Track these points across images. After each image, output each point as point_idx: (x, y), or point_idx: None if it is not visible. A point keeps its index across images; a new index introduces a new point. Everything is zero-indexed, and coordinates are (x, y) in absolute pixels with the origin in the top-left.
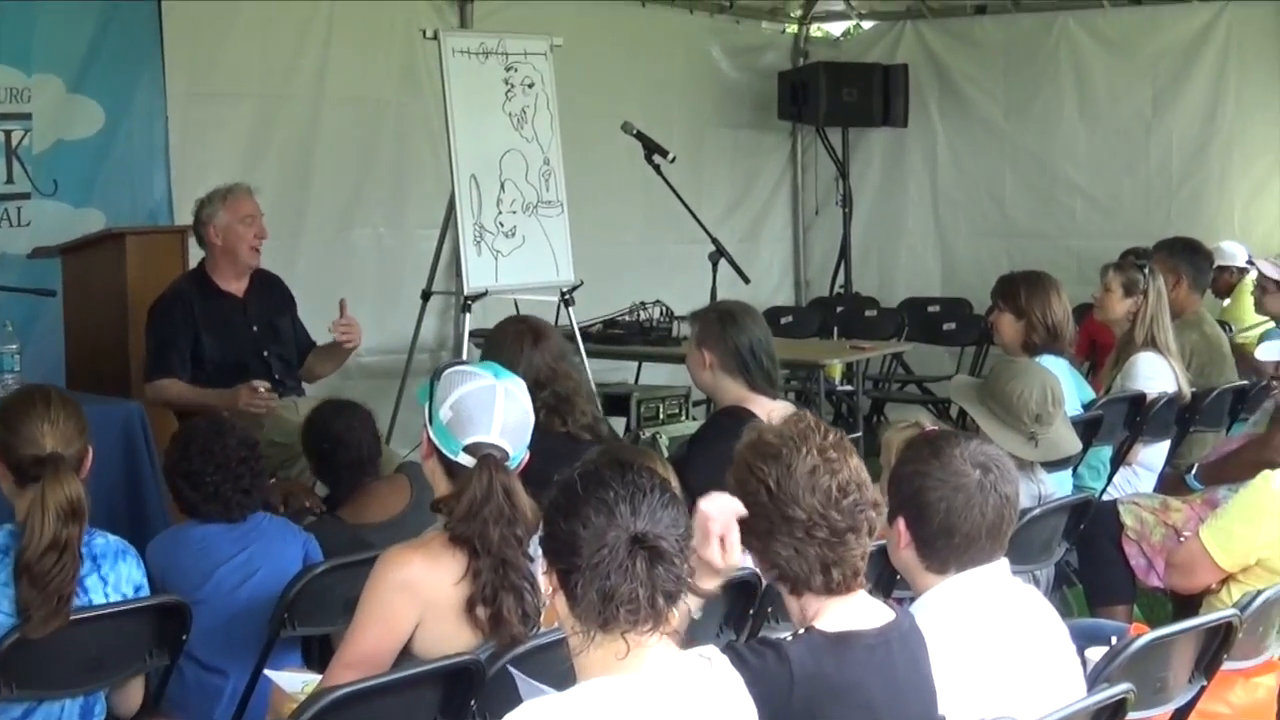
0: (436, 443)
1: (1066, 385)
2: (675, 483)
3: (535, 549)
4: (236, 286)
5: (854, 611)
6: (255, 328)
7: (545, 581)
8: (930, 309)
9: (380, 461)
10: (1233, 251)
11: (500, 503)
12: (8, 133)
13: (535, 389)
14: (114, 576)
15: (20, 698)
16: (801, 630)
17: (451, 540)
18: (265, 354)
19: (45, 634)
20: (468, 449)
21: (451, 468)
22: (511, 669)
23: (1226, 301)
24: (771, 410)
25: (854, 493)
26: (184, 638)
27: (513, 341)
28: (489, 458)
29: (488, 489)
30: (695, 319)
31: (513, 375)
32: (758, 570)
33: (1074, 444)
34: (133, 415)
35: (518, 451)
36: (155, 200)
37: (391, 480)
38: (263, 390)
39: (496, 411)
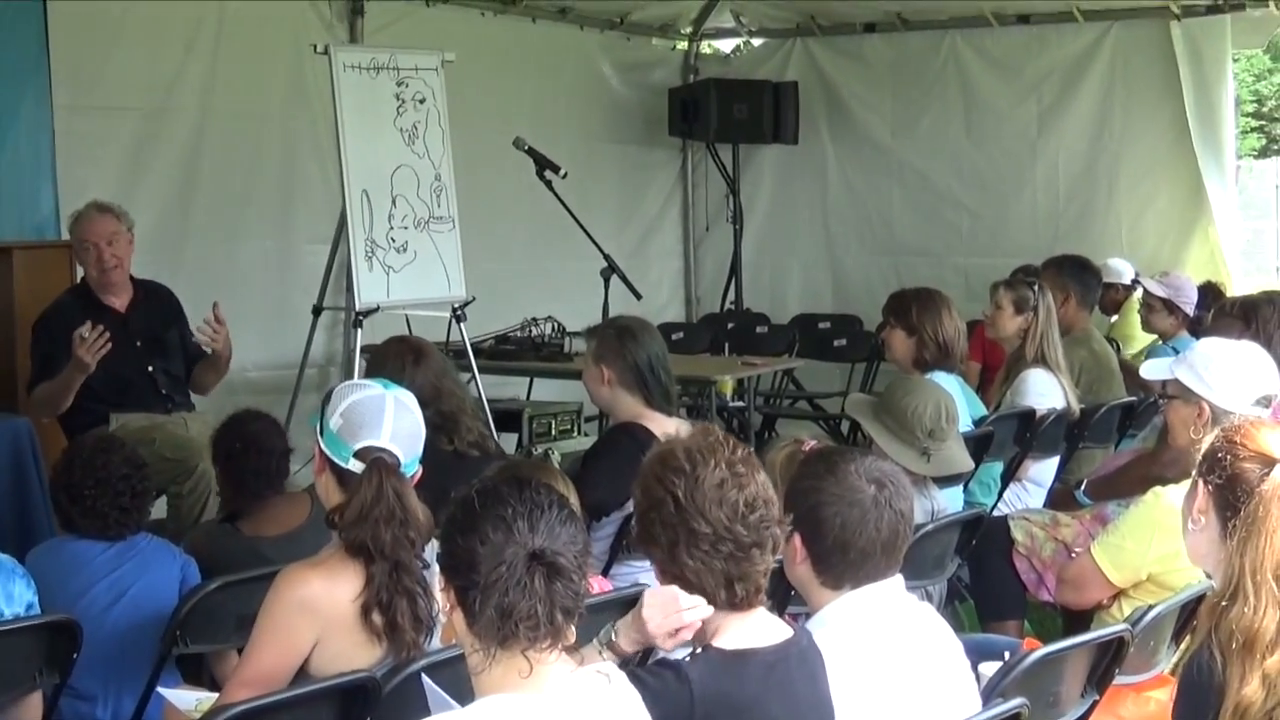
0: (327, 452)
1: (958, 402)
2: (575, 499)
3: (430, 556)
4: (118, 301)
5: (753, 629)
6: (139, 343)
7: (443, 598)
8: (821, 325)
9: (285, 481)
10: (1120, 268)
11: (391, 504)
12: None
13: (420, 407)
14: (4, 595)
15: None
16: (699, 649)
17: (347, 550)
18: (150, 369)
19: None
20: (358, 454)
21: (343, 476)
22: (424, 677)
23: (1114, 318)
24: (668, 427)
25: (760, 508)
26: (74, 656)
27: (394, 361)
28: (379, 460)
29: (378, 490)
30: (593, 334)
31: (403, 388)
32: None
33: (966, 462)
34: (21, 431)
35: (410, 460)
36: (43, 215)
37: (292, 497)
38: (87, 334)
39: (387, 418)
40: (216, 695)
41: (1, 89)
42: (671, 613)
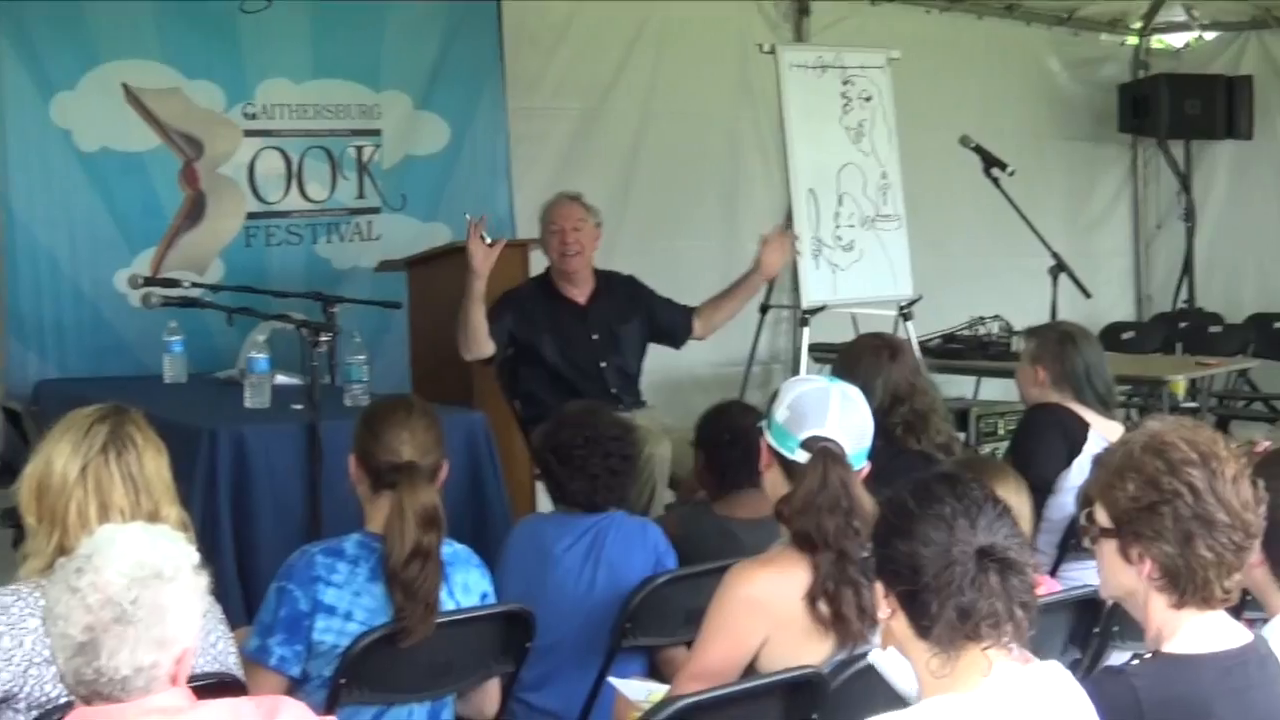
0: (774, 444)
1: None
2: (1026, 501)
3: None
4: (579, 293)
5: (1209, 630)
6: (595, 335)
7: (883, 605)
8: (1277, 325)
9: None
10: None
11: (836, 492)
12: (359, 148)
13: (894, 404)
14: (461, 584)
15: (372, 701)
16: (1147, 655)
17: (795, 543)
18: (603, 364)
19: (417, 641)
20: (804, 444)
21: (790, 468)
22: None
23: None
24: (1107, 425)
25: (1263, 500)
26: (527, 646)
27: (871, 356)
28: (825, 449)
29: (823, 478)
30: (1033, 335)
31: (851, 385)
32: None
33: None
34: (476, 425)
35: (857, 452)
36: (498, 214)
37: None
38: (476, 231)
39: (832, 408)
40: (667, 688)
41: (461, 92)
42: None
